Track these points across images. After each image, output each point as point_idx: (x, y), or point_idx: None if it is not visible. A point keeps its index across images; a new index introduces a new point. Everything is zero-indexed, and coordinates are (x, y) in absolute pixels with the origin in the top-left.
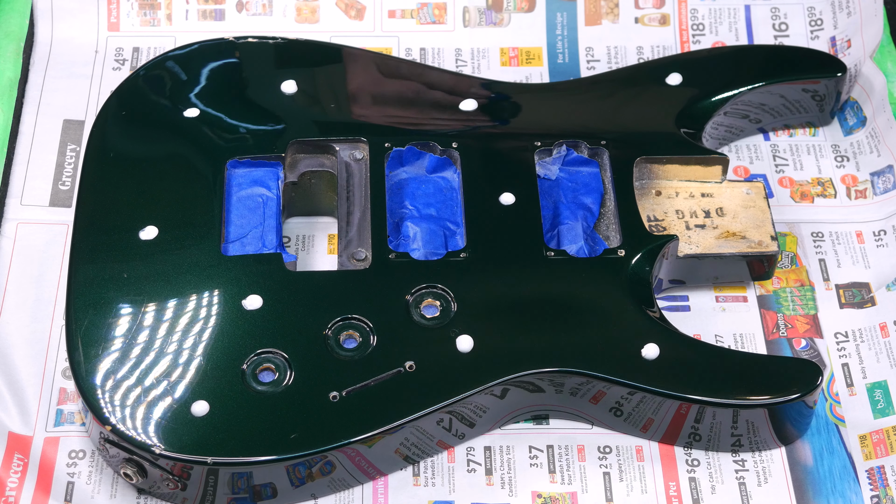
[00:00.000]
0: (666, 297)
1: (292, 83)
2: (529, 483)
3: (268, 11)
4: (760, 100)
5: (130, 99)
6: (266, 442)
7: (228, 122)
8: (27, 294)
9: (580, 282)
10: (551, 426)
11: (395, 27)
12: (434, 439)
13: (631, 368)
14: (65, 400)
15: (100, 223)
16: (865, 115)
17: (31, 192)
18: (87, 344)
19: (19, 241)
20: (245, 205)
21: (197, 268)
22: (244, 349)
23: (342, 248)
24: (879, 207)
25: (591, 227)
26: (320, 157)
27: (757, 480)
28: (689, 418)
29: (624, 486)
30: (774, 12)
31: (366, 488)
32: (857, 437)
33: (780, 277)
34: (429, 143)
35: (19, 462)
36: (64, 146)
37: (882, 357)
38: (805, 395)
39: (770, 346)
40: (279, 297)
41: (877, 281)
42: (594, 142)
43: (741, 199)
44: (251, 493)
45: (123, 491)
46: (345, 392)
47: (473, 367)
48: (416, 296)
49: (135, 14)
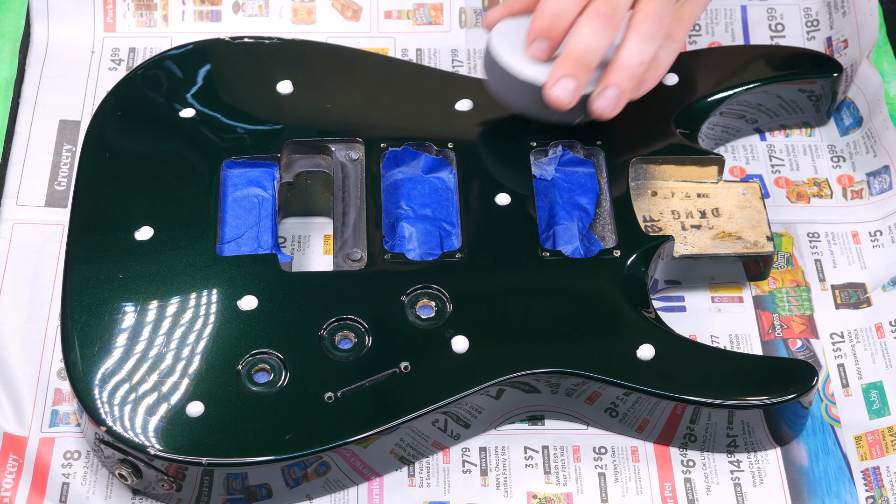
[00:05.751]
0: (661, 297)
1: (288, 83)
2: (525, 484)
3: (264, 13)
4: (757, 100)
5: (126, 99)
6: (261, 442)
7: (224, 122)
8: (22, 294)
9: (576, 282)
10: (546, 427)
11: (391, 28)
12: (429, 440)
13: (626, 369)
14: (60, 400)
15: (95, 223)
16: (862, 116)
17: (27, 193)
18: (82, 344)
19: (15, 241)
20: (240, 205)
21: (192, 268)
22: (239, 350)
23: (338, 249)
24: (875, 208)
25: (587, 227)
26: (316, 157)
27: (752, 481)
28: (685, 419)
29: (619, 486)
30: (770, 13)
31: (361, 489)
32: (852, 438)
33: (775, 278)
34: (424, 143)
35: (14, 463)
36: (60, 146)
37: (878, 358)
38: (800, 395)
39: (766, 346)
40: (274, 297)
41: (873, 281)
42: (590, 142)
43: (737, 199)
44: (246, 494)
45: (118, 492)
46: (340, 393)
47: (469, 367)
48: (411, 296)
49: (131, 15)
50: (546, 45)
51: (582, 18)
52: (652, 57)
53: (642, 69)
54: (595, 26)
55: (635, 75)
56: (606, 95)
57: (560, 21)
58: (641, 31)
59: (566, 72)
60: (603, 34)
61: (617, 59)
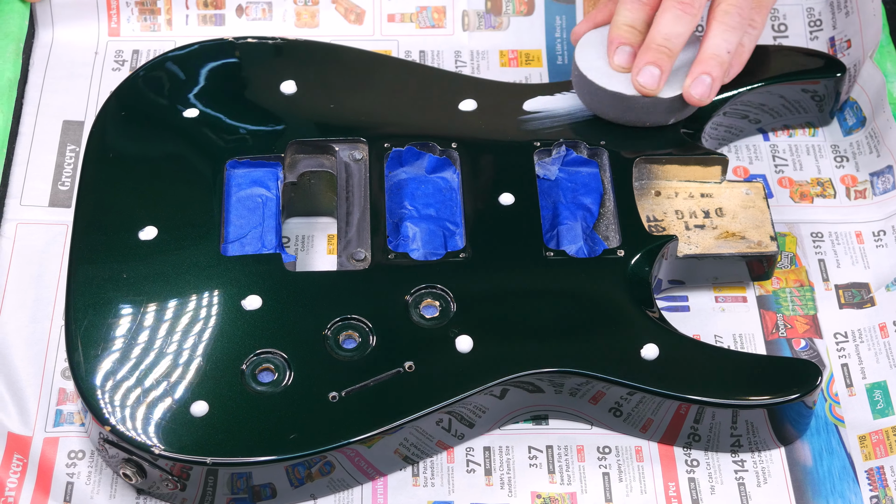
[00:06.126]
0: (665, 297)
1: (291, 83)
2: (529, 483)
3: (268, 16)
4: (760, 100)
5: (130, 99)
6: (265, 442)
7: (228, 123)
8: (27, 294)
9: (579, 282)
10: (551, 426)
11: (394, 31)
12: (433, 439)
13: (630, 369)
14: (64, 400)
15: (99, 223)
16: (865, 116)
17: (31, 193)
18: (86, 344)
19: (19, 241)
20: (244, 205)
21: (196, 268)
22: (243, 349)
23: (341, 249)
24: (879, 208)
25: (591, 227)
26: (320, 157)
27: (756, 481)
28: (689, 419)
29: (623, 486)
30: (773, 13)
31: (365, 488)
32: (856, 438)
33: (779, 278)
34: (428, 143)
35: (18, 462)
36: (63, 147)
37: (881, 357)
38: (804, 395)
39: (769, 346)
40: (278, 297)
41: (876, 281)
42: (593, 142)
43: (740, 199)
44: (250, 494)
45: (123, 491)
46: (344, 392)
47: (473, 367)
48: (415, 296)
49: (135, 20)
50: (629, 52)
51: (662, 7)
52: (737, 45)
53: (730, 57)
54: (674, 14)
55: (724, 62)
56: (702, 81)
57: (633, 29)
58: (726, 22)
59: (650, 59)
60: (683, 21)
61: (706, 49)
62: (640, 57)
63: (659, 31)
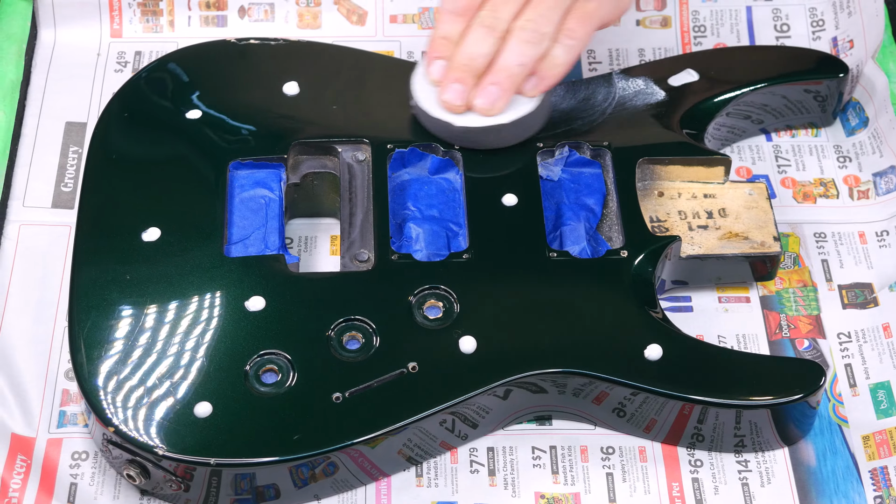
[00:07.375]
0: (668, 297)
1: (294, 84)
2: (532, 484)
3: (270, 17)
4: (762, 100)
5: (132, 101)
6: (269, 443)
7: (230, 124)
8: (30, 296)
9: (583, 283)
10: (554, 427)
11: (396, 32)
12: (437, 440)
13: (634, 369)
14: (67, 401)
15: (102, 225)
16: (868, 116)
17: (34, 194)
18: (89, 345)
19: (21, 242)
20: (247, 206)
21: (199, 269)
22: (247, 350)
23: (345, 250)
24: (882, 208)
25: (594, 228)
26: (323, 158)
27: (760, 481)
28: (692, 419)
29: (627, 486)
30: (776, 13)
31: (369, 489)
32: (860, 438)
33: (782, 278)
34: (431, 144)
35: (22, 464)
36: (66, 148)
37: (885, 357)
38: (808, 395)
39: (773, 346)
40: (282, 298)
41: (879, 281)
42: (596, 143)
43: (744, 199)
44: (254, 494)
45: (126, 492)
46: (347, 393)
47: (476, 368)
48: (418, 297)
49: (137, 21)
50: (443, 65)
51: (468, 27)
52: (535, 58)
53: (523, 69)
54: (478, 35)
55: (514, 74)
56: (487, 92)
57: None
58: (519, 37)
59: (454, 77)
60: (486, 42)
61: (496, 62)
62: (447, 75)
63: (462, 52)
